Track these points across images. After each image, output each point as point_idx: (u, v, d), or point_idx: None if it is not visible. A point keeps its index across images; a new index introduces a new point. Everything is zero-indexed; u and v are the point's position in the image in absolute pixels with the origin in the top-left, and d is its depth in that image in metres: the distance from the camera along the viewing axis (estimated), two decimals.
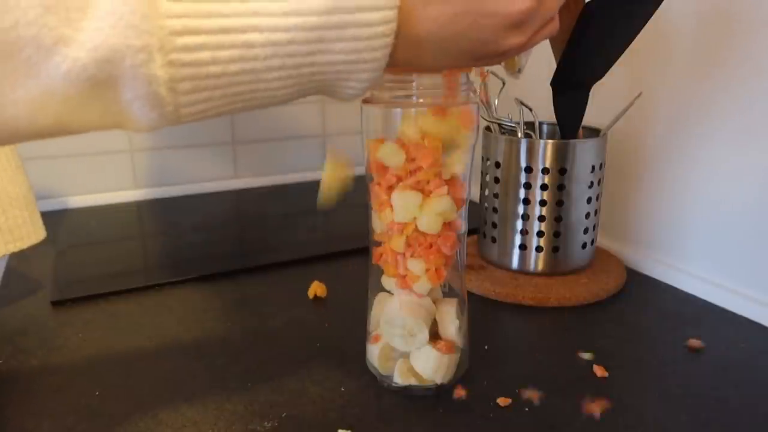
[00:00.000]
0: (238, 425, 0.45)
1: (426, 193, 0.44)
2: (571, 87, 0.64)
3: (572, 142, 0.65)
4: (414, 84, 0.43)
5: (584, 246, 0.68)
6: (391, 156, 0.43)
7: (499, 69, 0.71)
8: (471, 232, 0.81)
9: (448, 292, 0.49)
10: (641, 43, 0.62)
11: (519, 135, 0.69)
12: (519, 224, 0.67)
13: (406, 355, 0.48)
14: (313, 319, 0.62)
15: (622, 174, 0.75)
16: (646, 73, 0.71)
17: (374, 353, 0.49)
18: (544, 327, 0.61)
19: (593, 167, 0.66)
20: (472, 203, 0.49)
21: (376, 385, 0.50)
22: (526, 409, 0.47)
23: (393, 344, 0.47)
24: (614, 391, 0.49)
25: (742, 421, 0.46)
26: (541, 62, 0.69)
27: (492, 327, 0.60)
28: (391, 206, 0.45)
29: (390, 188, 0.45)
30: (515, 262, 0.69)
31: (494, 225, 0.70)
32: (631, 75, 0.71)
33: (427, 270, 0.46)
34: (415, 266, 0.45)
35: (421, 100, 0.44)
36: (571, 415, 0.46)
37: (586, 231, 0.68)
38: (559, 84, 0.64)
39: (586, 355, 0.54)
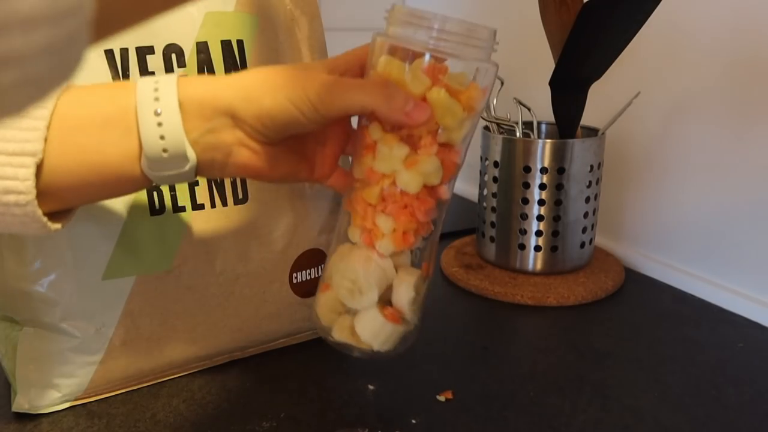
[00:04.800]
0: (237, 425, 0.45)
1: (415, 149, 0.41)
2: (569, 86, 0.64)
3: (570, 141, 0.65)
4: (436, 28, 0.38)
5: (582, 245, 0.68)
6: None
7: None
8: (470, 231, 0.81)
9: (418, 264, 0.46)
10: (639, 43, 0.62)
11: (517, 134, 0.69)
12: (517, 224, 0.67)
13: (353, 314, 0.44)
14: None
15: (620, 173, 0.75)
16: (644, 73, 0.71)
17: (320, 301, 0.46)
18: (542, 326, 0.61)
19: (591, 167, 0.66)
20: (470, 203, 0.49)
21: (376, 385, 0.50)
22: (526, 408, 0.47)
23: (340, 297, 0.44)
24: (613, 391, 0.49)
25: (741, 420, 0.46)
26: (540, 62, 0.69)
27: (491, 327, 0.60)
28: (374, 152, 0.41)
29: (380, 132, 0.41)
30: (514, 262, 0.69)
31: (493, 224, 0.70)
32: (629, 74, 0.71)
33: (394, 231, 0.42)
34: (384, 223, 0.42)
35: (441, 45, 0.38)
36: (570, 415, 0.46)
37: (584, 230, 0.68)
38: (557, 83, 0.64)
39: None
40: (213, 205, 0.49)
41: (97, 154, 0.36)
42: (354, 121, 0.44)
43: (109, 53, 0.45)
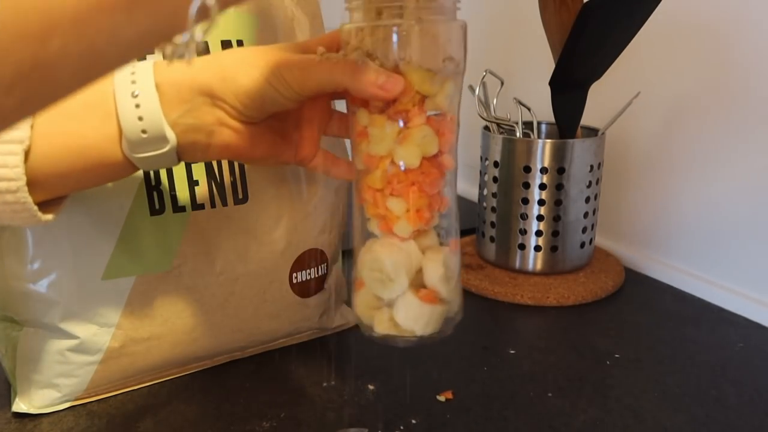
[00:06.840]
0: (237, 425, 0.45)
1: (406, 125, 0.40)
2: (569, 86, 0.64)
3: (570, 141, 0.65)
4: (394, 4, 0.38)
5: (582, 245, 0.68)
6: None
7: (497, 69, 0.71)
8: (470, 231, 0.81)
9: (445, 242, 0.45)
10: (639, 43, 0.62)
11: (517, 134, 0.69)
12: (517, 224, 0.67)
13: (390, 306, 0.44)
14: None
15: (620, 173, 0.75)
16: (644, 73, 0.71)
17: (356, 300, 0.45)
18: (542, 326, 0.61)
19: (591, 167, 0.66)
20: (470, 203, 0.49)
21: (376, 385, 0.50)
22: (526, 408, 0.47)
23: (373, 290, 0.43)
24: (613, 391, 0.49)
25: (740, 420, 0.46)
26: (540, 62, 0.69)
27: (491, 327, 0.60)
28: (368, 138, 0.41)
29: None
30: (514, 262, 0.69)
31: (493, 224, 0.70)
32: (629, 74, 0.71)
33: (407, 210, 0.42)
34: (395, 206, 0.41)
35: (408, 21, 0.38)
36: (570, 415, 0.46)
37: (584, 230, 0.68)
38: (557, 83, 0.64)
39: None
40: (213, 205, 0.49)
41: (79, 138, 0.36)
42: (342, 106, 0.44)
43: None
